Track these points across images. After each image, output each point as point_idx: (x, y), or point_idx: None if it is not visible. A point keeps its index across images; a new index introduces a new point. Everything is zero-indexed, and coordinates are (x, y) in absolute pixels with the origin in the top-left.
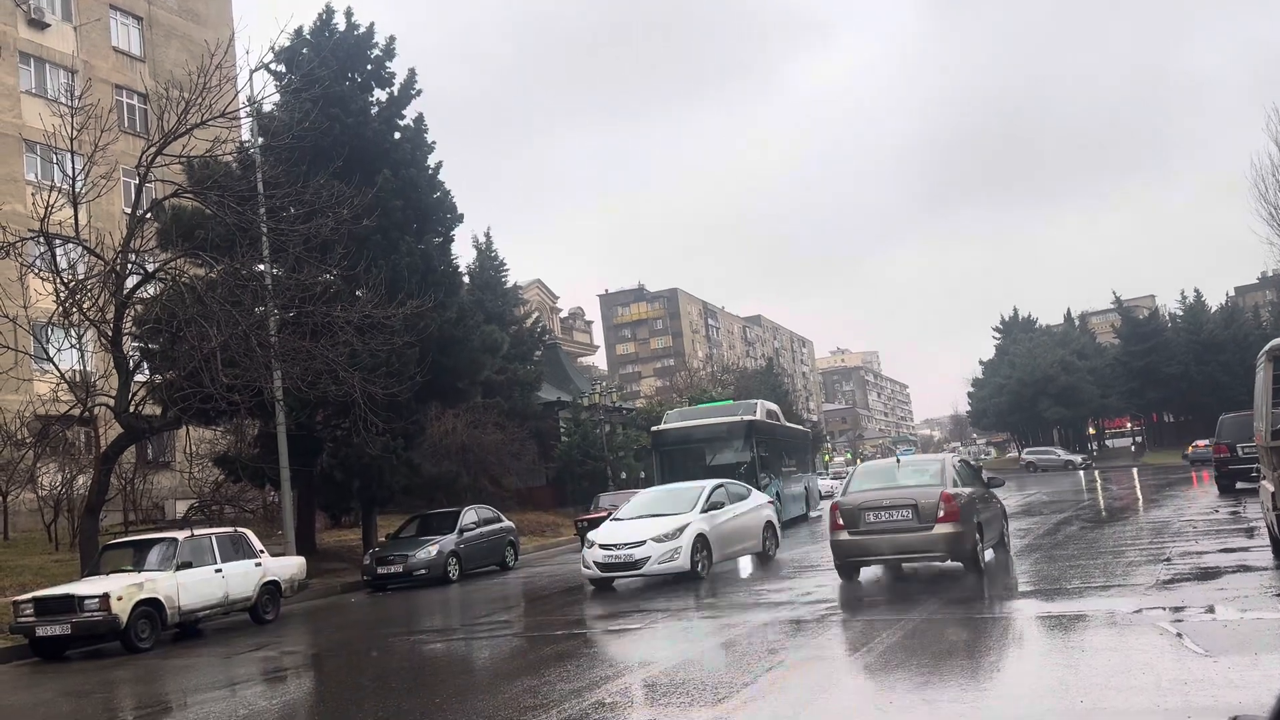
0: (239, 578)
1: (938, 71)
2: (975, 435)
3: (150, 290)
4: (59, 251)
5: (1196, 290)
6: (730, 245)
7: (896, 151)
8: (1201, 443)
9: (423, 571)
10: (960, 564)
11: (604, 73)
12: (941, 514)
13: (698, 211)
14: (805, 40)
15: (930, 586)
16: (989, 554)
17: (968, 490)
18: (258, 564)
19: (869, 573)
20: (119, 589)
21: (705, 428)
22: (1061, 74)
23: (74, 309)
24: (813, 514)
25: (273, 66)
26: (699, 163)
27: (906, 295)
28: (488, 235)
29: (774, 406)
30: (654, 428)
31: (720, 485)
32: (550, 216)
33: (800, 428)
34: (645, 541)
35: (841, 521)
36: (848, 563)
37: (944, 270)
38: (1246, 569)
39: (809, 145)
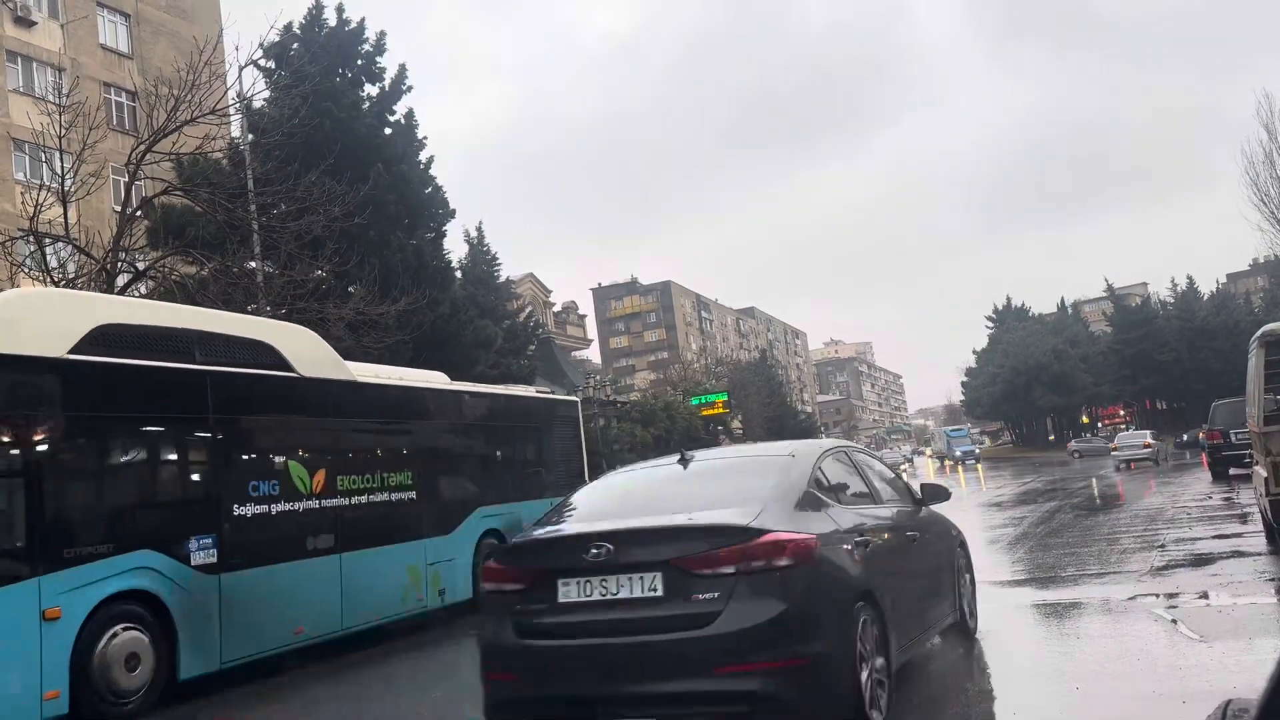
0: None
1: (1005, 118)
2: (970, 424)
3: (141, 289)
4: (49, 250)
5: (1189, 277)
6: (792, 260)
7: (962, 177)
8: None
9: None
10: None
11: (738, 127)
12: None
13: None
14: (913, 103)
15: None
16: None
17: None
18: None
19: None
20: None
21: None
22: (1117, 106)
23: None
24: None
25: (262, 63)
26: (794, 195)
27: (921, 300)
28: (479, 229)
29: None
30: None
31: None
32: (659, 232)
33: (503, 392)
34: None
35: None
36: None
37: (967, 276)
38: (1240, 554)
39: (889, 179)
